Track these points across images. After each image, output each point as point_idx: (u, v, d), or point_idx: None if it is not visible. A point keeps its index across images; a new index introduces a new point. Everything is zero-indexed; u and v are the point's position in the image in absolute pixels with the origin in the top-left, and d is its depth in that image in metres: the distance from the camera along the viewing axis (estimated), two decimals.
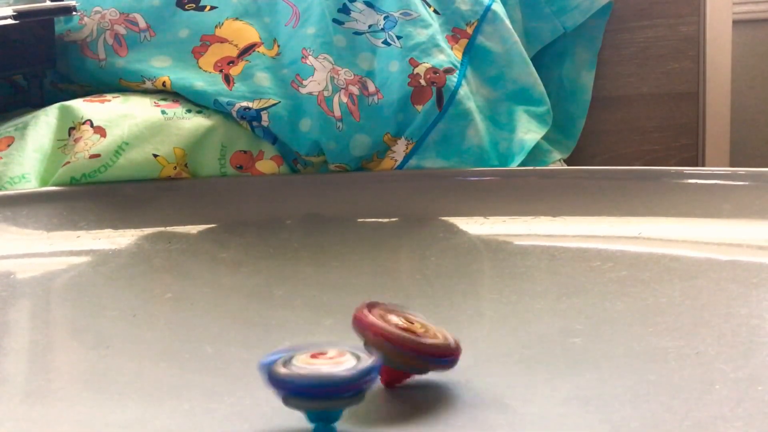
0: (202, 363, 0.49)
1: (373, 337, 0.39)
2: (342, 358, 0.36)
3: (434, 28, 0.93)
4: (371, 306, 0.41)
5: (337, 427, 0.36)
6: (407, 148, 0.86)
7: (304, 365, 0.35)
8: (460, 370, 0.42)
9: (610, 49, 1.23)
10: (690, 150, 1.25)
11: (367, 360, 0.36)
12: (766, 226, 0.70)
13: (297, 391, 0.35)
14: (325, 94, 0.86)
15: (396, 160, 0.86)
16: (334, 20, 0.91)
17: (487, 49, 0.96)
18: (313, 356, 0.36)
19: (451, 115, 0.87)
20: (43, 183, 0.80)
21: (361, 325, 0.40)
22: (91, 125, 0.81)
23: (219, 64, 0.89)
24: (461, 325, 0.53)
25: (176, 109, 0.85)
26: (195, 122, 0.84)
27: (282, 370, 0.35)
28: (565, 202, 0.77)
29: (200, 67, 0.89)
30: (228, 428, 0.40)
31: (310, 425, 0.36)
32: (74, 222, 0.74)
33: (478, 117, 0.90)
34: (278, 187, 0.84)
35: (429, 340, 0.40)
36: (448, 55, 0.91)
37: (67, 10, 0.91)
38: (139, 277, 0.66)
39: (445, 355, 0.41)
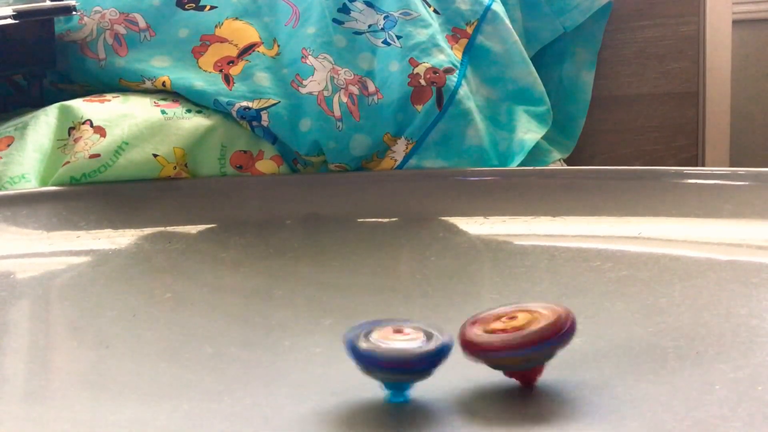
0: (202, 363, 0.48)
1: (483, 358, 0.41)
2: (417, 336, 0.40)
3: (434, 27, 0.93)
4: (473, 323, 0.42)
5: (409, 395, 0.41)
6: (407, 148, 0.86)
7: (383, 340, 0.39)
8: (459, 370, 0.42)
9: (610, 49, 1.23)
10: (690, 150, 1.25)
11: (438, 339, 0.39)
12: (766, 226, 0.70)
13: (374, 364, 0.39)
14: (325, 94, 0.86)
15: (396, 160, 0.86)
16: (334, 20, 0.91)
17: (487, 49, 0.96)
18: (393, 332, 0.40)
19: (451, 115, 0.87)
20: (43, 183, 0.80)
21: (463, 346, 0.42)
22: (91, 125, 0.81)
23: (219, 64, 0.89)
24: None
25: (176, 109, 0.85)
26: (195, 122, 0.84)
27: (363, 344, 0.39)
28: (565, 202, 0.77)
29: (200, 67, 0.89)
30: (228, 428, 0.40)
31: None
32: (74, 222, 0.74)
33: (478, 117, 0.90)
34: (278, 187, 0.84)
35: (517, 334, 0.41)
36: (448, 55, 0.91)
37: (67, 10, 0.91)
38: (139, 277, 0.66)
39: (548, 338, 0.40)
